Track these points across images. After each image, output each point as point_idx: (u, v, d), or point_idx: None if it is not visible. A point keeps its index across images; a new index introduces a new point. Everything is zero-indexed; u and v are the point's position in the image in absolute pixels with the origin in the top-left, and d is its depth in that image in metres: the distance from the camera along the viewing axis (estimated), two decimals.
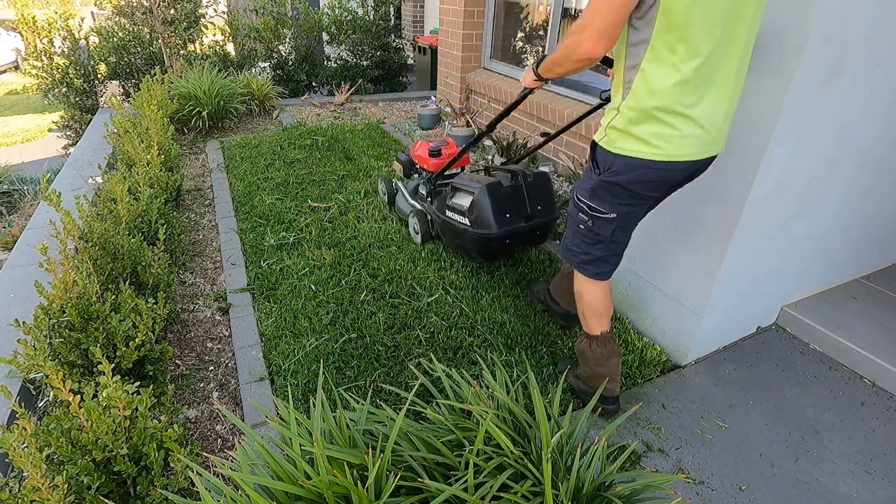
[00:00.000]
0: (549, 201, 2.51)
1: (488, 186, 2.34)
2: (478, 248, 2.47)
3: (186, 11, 5.53)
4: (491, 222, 2.34)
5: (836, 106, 1.77)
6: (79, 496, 1.27)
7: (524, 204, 2.43)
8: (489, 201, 2.33)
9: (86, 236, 2.05)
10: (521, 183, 2.44)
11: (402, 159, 3.21)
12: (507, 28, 4.93)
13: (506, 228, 2.36)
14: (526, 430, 1.33)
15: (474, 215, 2.39)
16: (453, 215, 2.54)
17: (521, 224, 2.41)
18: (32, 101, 9.50)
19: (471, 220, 2.41)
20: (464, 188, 2.48)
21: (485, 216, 2.35)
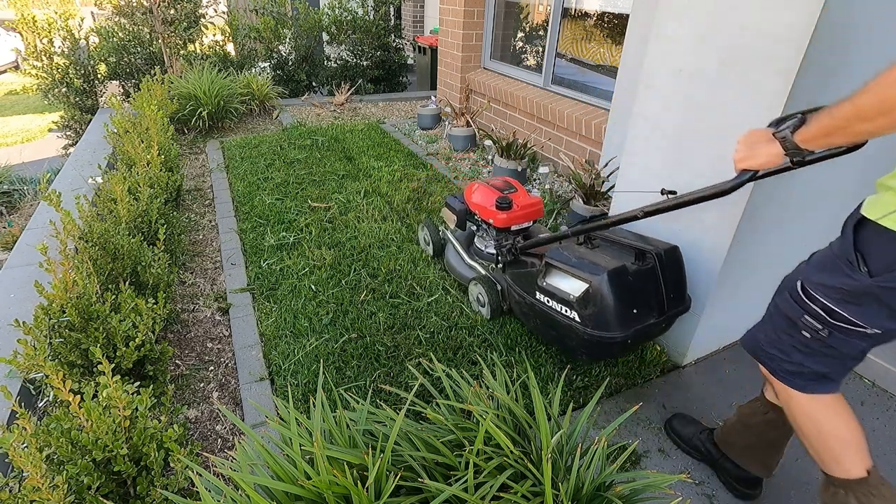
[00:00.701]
0: (682, 285, 1.93)
1: (612, 274, 1.74)
2: (589, 351, 1.91)
3: (186, 11, 5.53)
4: (614, 323, 1.75)
5: None
6: (79, 496, 1.27)
7: (658, 293, 1.84)
8: (614, 295, 1.73)
9: (86, 236, 2.05)
10: (653, 265, 1.83)
11: (456, 207, 2.57)
12: (507, 28, 4.94)
13: (633, 329, 1.77)
14: (526, 431, 1.33)
15: (589, 311, 1.78)
16: (551, 302, 1.92)
17: (651, 321, 1.82)
18: (32, 101, 9.50)
19: (582, 315, 1.80)
20: (570, 269, 1.85)
21: (606, 314, 1.75)
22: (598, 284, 1.75)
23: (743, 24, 1.67)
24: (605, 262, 1.81)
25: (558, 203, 3.53)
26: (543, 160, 4.26)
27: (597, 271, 1.76)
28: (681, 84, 1.92)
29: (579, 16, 4.00)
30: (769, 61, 1.62)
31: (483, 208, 2.42)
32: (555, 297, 1.91)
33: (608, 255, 1.89)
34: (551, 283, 1.93)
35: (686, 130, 1.95)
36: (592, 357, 2.06)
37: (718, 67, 1.77)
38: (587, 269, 1.80)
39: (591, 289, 1.77)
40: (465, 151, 4.62)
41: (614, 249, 1.95)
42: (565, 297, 1.85)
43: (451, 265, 2.65)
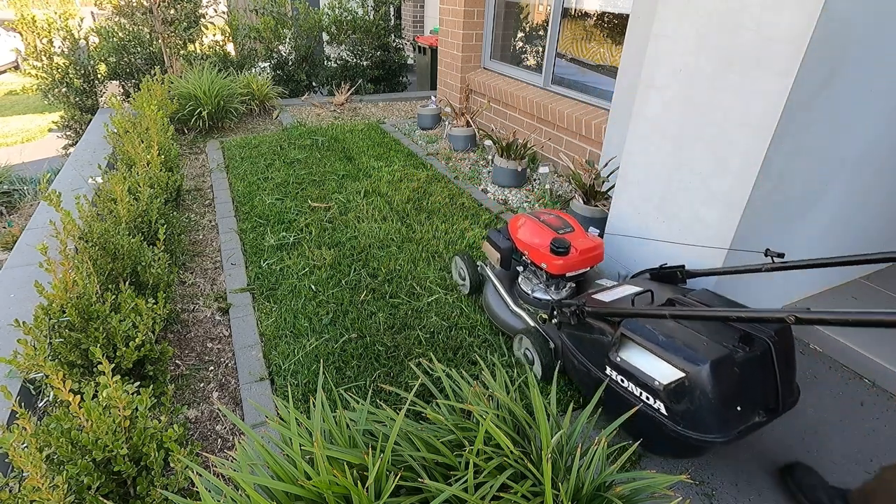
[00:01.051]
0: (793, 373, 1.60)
1: (716, 364, 1.41)
2: (674, 449, 1.60)
3: (186, 11, 5.53)
4: (714, 424, 1.44)
5: (836, 106, 1.77)
6: (79, 496, 1.27)
7: (769, 387, 1.52)
8: (717, 391, 1.41)
9: (86, 236, 2.05)
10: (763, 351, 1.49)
11: (501, 245, 2.22)
12: (507, 28, 4.94)
13: (736, 430, 1.47)
14: (526, 431, 1.33)
15: (684, 406, 1.45)
16: (627, 383, 1.59)
17: (755, 420, 1.50)
18: (32, 101, 9.50)
19: (672, 409, 1.47)
20: (656, 349, 1.52)
21: (704, 413, 1.43)
22: (697, 376, 1.41)
23: (743, 24, 1.67)
24: (703, 346, 1.47)
25: (558, 203, 3.53)
26: (543, 160, 4.26)
27: (696, 359, 1.43)
28: (681, 84, 1.92)
29: (579, 16, 4.00)
30: (769, 61, 1.62)
31: (534, 249, 2.08)
32: (633, 379, 1.56)
33: (704, 333, 1.53)
34: (628, 360, 1.58)
35: (686, 130, 1.95)
36: (675, 455, 1.70)
37: (718, 67, 1.77)
38: (681, 352, 1.46)
39: (691, 380, 1.42)
40: (465, 151, 4.61)
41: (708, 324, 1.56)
42: (648, 383, 1.51)
43: (491, 310, 2.28)
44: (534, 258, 2.10)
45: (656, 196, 2.15)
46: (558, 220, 2.17)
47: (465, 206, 3.49)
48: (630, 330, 1.59)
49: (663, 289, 1.80)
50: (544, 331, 1.99)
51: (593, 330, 1.76)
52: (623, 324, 1.62)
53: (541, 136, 4.25)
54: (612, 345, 1.64)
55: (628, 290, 1.82)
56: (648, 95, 2.07)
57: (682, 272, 1.92)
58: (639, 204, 2.24)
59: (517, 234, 2.18)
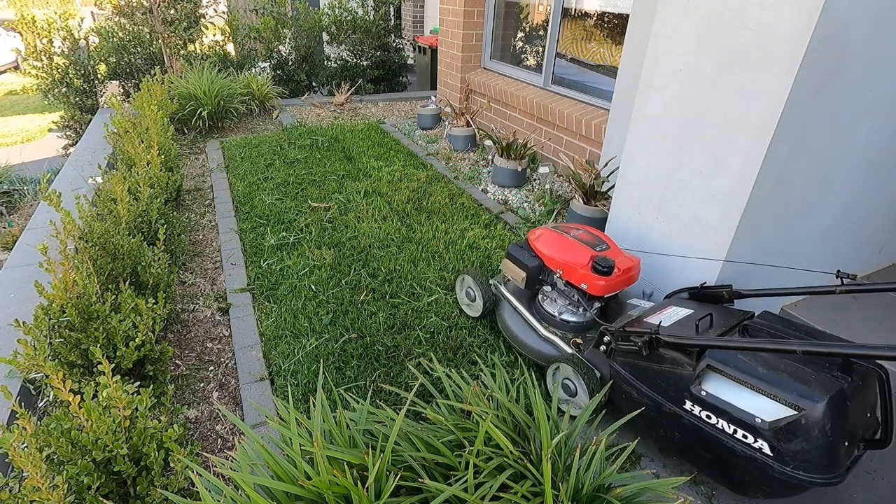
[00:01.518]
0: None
1: (834, 399, 1.31)
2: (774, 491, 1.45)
3: (186, 11, 5.53)
4: (828, 463, 1.33)
5: (836, 106, 1.78)
6: (79, 496, 1.27)
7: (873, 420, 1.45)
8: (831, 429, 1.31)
9: (86, 236, 2.05)
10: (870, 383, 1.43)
11: (528, 263, 2.05)
12: (507, 28, 4.94)
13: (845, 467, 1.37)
14: (525, 431, 1.33)
15: (797, 446, 1.34)
16: (716, 420, 1.46)
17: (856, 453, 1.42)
18: (32, 101, 9.50)
19: (781, 448, 1.35)
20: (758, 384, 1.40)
21: (819, 452, 1.33)
22: (813, 413, 1.29)
23: (743, 24, 1.67)
24: (812, 379, 1.36)
25: (558, 203, 3.53)
26: (543, 160, 4.26)
27: (811, 395, 1.31)
28: (681, 84, 1.92)
29: (579, 16, 4.00)
30: (769, 61, 1.62)
31: (571, 268, 1.93)
32: (723, 415, 1.43)
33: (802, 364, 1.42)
34: (717, 394, 1.45)
35: (686, 130, 1.95)
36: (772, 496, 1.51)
37: (718, 67, 1.77)
38: (791, 388, 1.35)
39: (804, 418, 1.31)
40: (465, 151, 4.61)
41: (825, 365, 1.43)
42: (747, 420, 1.38)
43: (513, 335, 2.10)
44: (570, 278, 1.94)
45: (656, 196, 2.15)
46: (591, 237, 2.03)
47: (465, 206, 3.49)
48: (719, 362, 1.46)
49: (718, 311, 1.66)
50: (587, 359, 1.85)
51: (663, 360, 1.59)
52: (709, 354, 1.48)
53: (541, 136, 4.25)
54: (695, 378, 1.49)
55: (680, 311, 1.71)
56: (648, 95, 2.07)
57: (730, 292, 1.77)
58: (639, 204, 2.24)
59: (547, 251, 2.02)
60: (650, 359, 1.63)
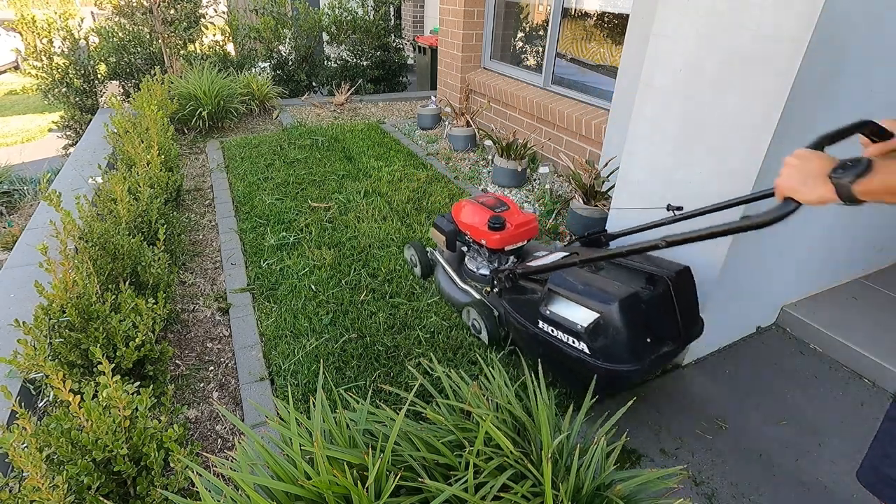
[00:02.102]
0: (695, 308, 1.85)
1: (623, 302, 1.63)
2: (603, 384, 1.71)
3: (186, 11, 5.53)
4: (627, 355, 1.64)
5: (836, 106, 1.77)
6: (79, 496, 1.27)
7: (673, 320, 1.75)
8: (625, 324, 1.62)
9: (86, 236, 2.05)
10: (665, 290, 1.72)
11: (445, 228, 2.43)
12: (507, 28, 4.94)
13: (647, 359, 1.67)
14: (526, 431, 1.33)
15: (600, 343, 1.66)
16: (556, 332, 1.78)
17: (665, 349, 1.73)
18: (32, 101, 9.50)
19: (593, 347, 1.67)
20: (576, 297, 1.74)
21: (619, 346, 1.64)
22: (611, 315, 1.63)
23: (743, 24, 1.67)
24: (614, 288, 1.69)
25: (558, 203, 3.53)
26: (543, 160, 4.26)
27: (607, 299, 1.65)
28: (681, 84, 1.92)
29: (579, 16, 4.00)
30: (769, 61, 1.62)
31: (474, 228, 2.27)
32: (561, 328, 1.76)
33: (616, 280, 1.75)
34: (556, 311, 1.78)
35: (686, 130, 1.95)
36: (605, 391, 1.86)
37: (718, 67, 1.77)
38: (596, 297, 1.68)
39: (604, 319, 1.65)
40: (465, 151, 4.61)
41: (620, 272, 1.81)
42: (573, 328, 1.71)
43: (442, 289, 2.50)
44: (474, 236, 2.31)
45: (656, 196, 2.15)
46: (495, 201, 2.38)
47: None
48: (555, 284, 1.81)
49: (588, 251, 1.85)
50: (489, 301, 2.22)
51: (527, 291, 2.00)
52: (549, 279, 1.83)
53: (541, 136, 4.25)
54: (542, 300, 1.83)
55: (558, 255, 2.03)
56: (648, 95, 2.07)
57: (605, 235, 2.07)
58: (639, 204, 2.24)
59: (459, 218, 2.37)
60: (520, 291, 2.03)
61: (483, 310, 2.17)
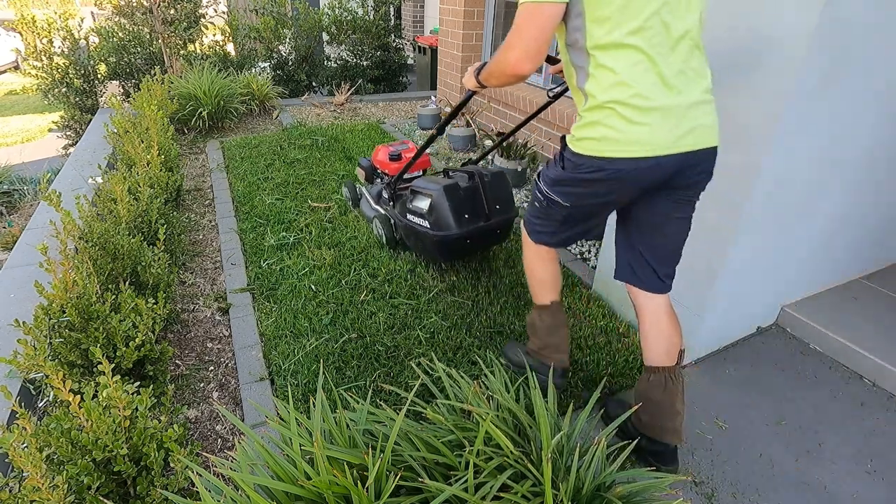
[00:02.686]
0: (508, 200, 2.57)
1: (446, 188, 2.37)
2: (438, 250, 2.48)
3: (186, 11, 5.53)
4: (450, 223, 2.37)
5: (836, 106, 1.77)
6: (79, 496, 1.27)
7: (482, 204, 2.47)
8: (447, 202, 2.36)
9: (86, 236, 2.05)
10: (478, 183, 2.48)
11: (364, 165, 3.22)
12: (507, 28, 4.93)
13: (465, 229, 2.39)
14: (526, 431, 1.33)
15: (433, 217, 2.41)
16: (414, 218, 2.53)
17: (480, 223, 2.45)
18: (32, 101, 9.50)
19: (430, 222, 2.42)
20: (422, 191, 2.49)
21: (443, 217, 2.38)
22: (437, 196, 2.39)
23: (743, 24, 1.67)
24: (444, 182, 2.42)
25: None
26: (543, 160, 4.26)
27: (436, 189, 2.39)
28: None
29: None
30: (769, 62, 1.62)
31: (382, 162, 3.07)
32: (416, 214, 2.51)
33: (452, 179, 2.49)
34: (415, 204, 2.53)
35: None
36: (443, 256, 2.61)
37: (717, 69, 1.77)
38: (432, 188, 2.42)
39: (433, 200, 2.40)
40: (465, 151, 4.61)
41: (460, 176, 2.53)
42: (421, 212, 2.47)
43: (362, 210, 3.24)
44: (382, 168, 3.09)
45: None
46: (399, 144, 3.16)
47: None
48: (415, 185, 2.57)
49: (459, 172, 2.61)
50: (388, 213, 2.89)
51: (405, 199, 2.65)
52: (414, 184, 2.59)
53: (541, 136, 4.25)
54: (409, 199, 2.59)
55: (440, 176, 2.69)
56: None
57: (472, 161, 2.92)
58: None
59: (375, 158, 3.16)
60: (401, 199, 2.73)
61: (383, 220, 2.88)
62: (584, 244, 3.08)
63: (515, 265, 2.78)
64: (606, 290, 2.52)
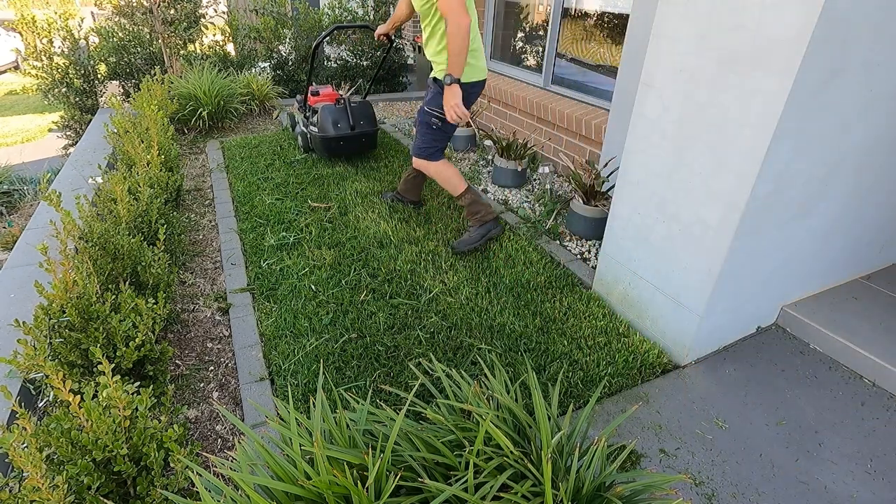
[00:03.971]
0: (371, 119, 4.00)
1: (324, 106, 3.82)
2: (324, 146, 3.91)
3: (186, 11, 5.52)
4: (327, 129, 3.81)
5: (836, 106, 1.77)
6: (79, 496, 1.27)
7: (348, 118, 3.87)
8: (325, 115, 3.81)
9: (86, 236, 2.05)
10: (345, 105, 3.88)
11: (298, 100, 4.34)
12: (507, 28, 4.93)
13: (337, 133, 3.82)
14: (526, 431, 1.33)
15: (319, 125, 3.85)
16: (312, 129, 3.95)
17: (348, 132, 3.86)
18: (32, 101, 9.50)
19: (318, 128, 3.86)
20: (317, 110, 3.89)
21: (325, 126, 3.82)
22: (320, 111, 3.83)
23: (743, 24, 1.67)
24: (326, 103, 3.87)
25: (558, 203, 3.53)
26: (543, 160, 4.25)
27: (321, 107, 3.85)
28: (681, 84, 1.92)
29: (579, 16, 4.00)
30: (769, 61, 1.62)
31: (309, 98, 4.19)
32: (313, 125, 3.95)
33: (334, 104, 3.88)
34: (312, 119, 3.96)
35: (686, 130, 1.95)
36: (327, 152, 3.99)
37: (718, 67, 1.77)
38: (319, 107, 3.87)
39: (319, 114, 3.85)
40: (465, 151, 4.61)
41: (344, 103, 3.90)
42: (315, 123, 3.91)
43: (295, 132, 4.54)
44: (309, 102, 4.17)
45: (656, 196, 2.15)
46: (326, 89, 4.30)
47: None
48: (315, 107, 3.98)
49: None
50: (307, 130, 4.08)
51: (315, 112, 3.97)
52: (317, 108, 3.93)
53: (541, 136, 4.25)
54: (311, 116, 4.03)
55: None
56: (648, 95, 2.07)
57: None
58: (638, 204, 2.24)
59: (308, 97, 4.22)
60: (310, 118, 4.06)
61: (302, 134, 4.21)
62: (584, 244, 3.08)
63: (515, 265, 2.78)
64: (606, 290, 2.52)
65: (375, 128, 4.00)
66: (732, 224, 1.84)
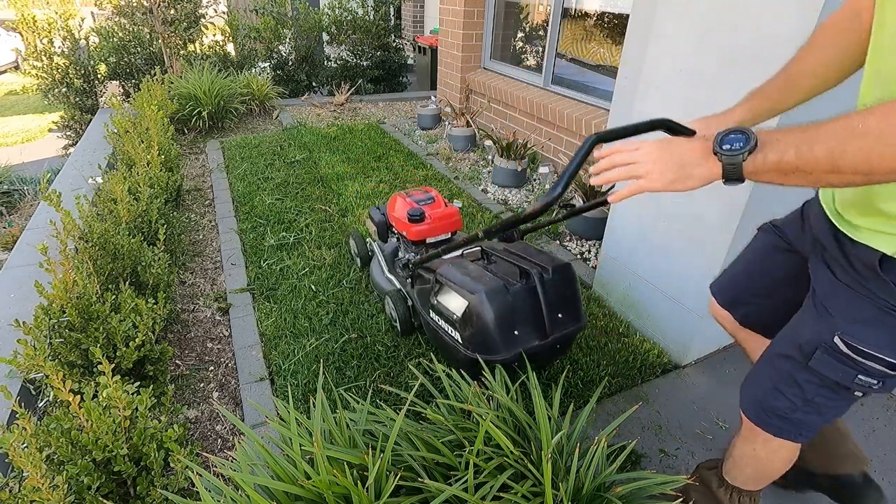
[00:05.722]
0: (574, 305, 1.82)
1: (489, 293, 1.65)
2: (472, 371, 1.66)
3: (186, 11, 5.53)
4: (493, 345, 1.66)
5: (836, 107, 1.77)
6: (79, 496, 1.27)
7: (540, 315, 1.72)
8: (491, 315, 1.64)
9: (86, 236, 2.05)
10: (535, 284, 1.71)
11: (376, 219, 2.46)
12: (507, 28, 4.94)
13: (513, 352, 1.67)
14: (526, 431, 1.33)
15: (468, 332, 1.69)
16: (440, 320, 1.83)
17: (534, 343, 1.72)
18: (32, 101, 9.49)
19: (463, 336, 1.72)
20: (454, 285, 1.76)
21: (483, 336, 1.66)
22: (476, 304, 1.65)
23: (742, 24, 1.67)
24: (486, 280, 1.72)
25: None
26: (543, 160, 4.26)
27: (476, 290, 1.66)
28: (681, 84, 1.92)
29: (579, 16, 4.00)
30: (769, 61, 1.62)
31: (399, 220, 2.28)
32: (443, 316, 1.80)
33: (498, 272, 1.80)
34: (441, 300, 1.82)
35: None
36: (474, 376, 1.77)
37: (718, 67, 1.77)
38: (469, 287, 1.70)
39: (470, 308, 1.67)
40: (465, 151, 4.61)
41: (509, 266, 1.82)
42: (450, 316, 1.75)
43: (372, 277, 2.47)
44: (398, 228, 2.32)
45: (657, 196, 2.15)
46: (422, 195, 2.37)
47: (465, 206, 3.49)
48: (441, 274, 1.83)
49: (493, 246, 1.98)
50: (406, 291, 2.19)
51: (427, 281, 1.97)
52: (438, 270, 1.85)
53: (541, 136, 4.25)
54: (433, 290, 1.87)
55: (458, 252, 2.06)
56: (648, 95, 2.07)
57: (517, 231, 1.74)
58: (639, 204, 2.24)
59: (391, 211, 2.38)
60: (424, 282, 2.00)
61: (398, 299, 2.16)
62: (584, 244, 3.08)
63: None
64: (606, 291, 2.52)
65: (583, 322, 1.84)
66: (733, 223, 1.84)
